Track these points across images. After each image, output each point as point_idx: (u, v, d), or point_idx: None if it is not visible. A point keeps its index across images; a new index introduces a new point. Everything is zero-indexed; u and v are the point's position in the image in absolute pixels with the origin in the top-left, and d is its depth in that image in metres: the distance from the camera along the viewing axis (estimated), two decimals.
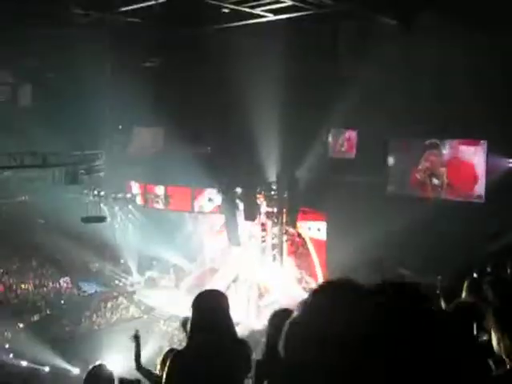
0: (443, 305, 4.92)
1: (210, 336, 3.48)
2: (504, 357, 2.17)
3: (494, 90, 15.17)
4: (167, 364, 3.65)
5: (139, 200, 26.02)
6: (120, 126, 25.19)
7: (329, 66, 18.41)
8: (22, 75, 23.34)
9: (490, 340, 2.46)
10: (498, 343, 2.20)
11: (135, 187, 25.86)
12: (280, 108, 18.51)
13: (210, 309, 3.59)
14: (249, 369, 3.67)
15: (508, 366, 2.17)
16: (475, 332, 3.28)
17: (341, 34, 18.30)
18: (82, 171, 23.36)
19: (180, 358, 3.62)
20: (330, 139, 21.10)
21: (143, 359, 6.66)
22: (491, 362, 2.46)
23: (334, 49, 18.56)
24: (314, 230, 21.75)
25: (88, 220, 22.21)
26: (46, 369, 20.81)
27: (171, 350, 4.01)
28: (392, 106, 16.33)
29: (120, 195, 25.55)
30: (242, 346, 3.73)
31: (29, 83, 24.35)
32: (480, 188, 17.12)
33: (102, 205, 25.84)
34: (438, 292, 6.02)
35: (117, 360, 12.00)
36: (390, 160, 19.26)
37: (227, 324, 3.65)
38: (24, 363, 21.10)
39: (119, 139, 25.27)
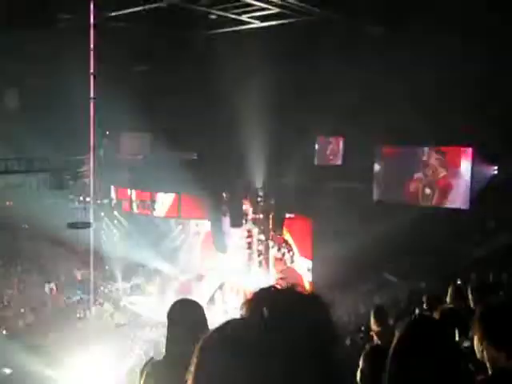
0: (427, 311, 4.95)
1: (186, 347, 3.45)
2: (487, 364, 2.18)
3: (478, 97, 15.29)
4: (143, 375, 3.62)
5: (125, 206, 25.90)
6: (107, 132, 25.08)
7: (315, 72, 18.49)
8: (9, 79, 23.18)
9: (472, 346, 2.47)
10: (481, 350, 2.21)
11: (121, 193, 25.74)
12: (267, 115, 18.53)
13: (186, 320, 3.56)
14: None
15: (490, 372, 2.18)
16: (457, 338, 3.30)
17: (327, 40, 18.38)
18: (68, 176, 23.23)
19: (156, 370, 3.60)
20: (316, 146, 21.18)
21: (128, 366, 6.64)
22: (472, 368, 2.47)
23: (320, 56, 18.62)
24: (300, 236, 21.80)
25: (73, 226, 22.04)
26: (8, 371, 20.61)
27: (150, 360, 3.97)
28: (378, 113, 16.43)
29: (106, 201, 25.41)
30: None
31: (15, 87, 24.19)
32: (466, 195, 17.24)
33: (87, 211, 25.69)
34: (422, 298, 6.05)
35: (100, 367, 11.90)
36: (377, 167, 19.35)
37: (203, 334, 3.62)
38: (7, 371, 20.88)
39: (106, 144, 25.16)
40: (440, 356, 1.63)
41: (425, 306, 5.43)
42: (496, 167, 17.16)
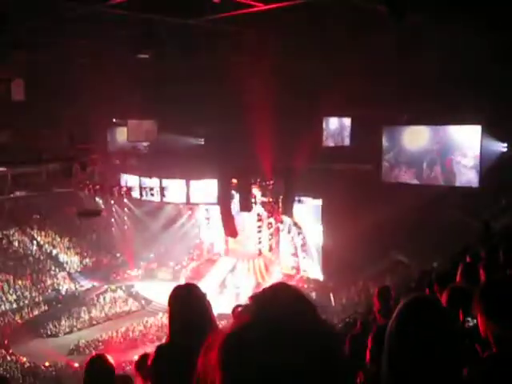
0: (437, 290, 4.92)
1: (189, 332, 3.46)
2: (491, 341, 2.16)
3: (487, 75, 15.12)
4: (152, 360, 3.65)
5: (134, 193, 25.98)
6: (114, 120, 25.07)
7: (322, 54, 18.33)
8: (15, 70, 23.15)
9: (476, 325, 2.45)
10: (484, 327, 2.19)
11: (130, 180, 25.79)
12: (274, 97, 18.43)
13: (187, 303, 3.56)
14: None
15: (494, 350, 2.16)
16: (464, 317, 3.28)
17: (333, 22, 18.17)
18: (77, 165, 23.31)
19: (159, 356, 3.62)
20: (324, 128, 21.07)
21: (140, 353, 6.68)
22: (478, 347, 2.46)
23: (326, 37, 18.44)
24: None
25: (83, 214, 22.17)
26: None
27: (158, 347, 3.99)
28: (385, 93, 16.29)
29: (115, 189, 25.49)
30: None
31: (22, 78, 24.16)
32: (476, 173, 17.13)
33: (97, 199, 25.84)
34: (433, 277, 6.03)
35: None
36: (385, 146, 19.23)
37: (206, 316, 3.62)
38: (24, 359, 21.17)
39: (113, 133, 25.17)
40: (436, 335, 1.62)
41: (434, 285, 5.40)
42: (505, 144, 17.03)
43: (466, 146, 17.39)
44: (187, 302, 3.55)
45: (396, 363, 1.66)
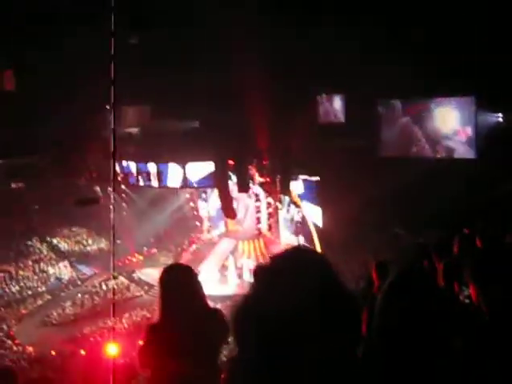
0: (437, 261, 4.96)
1: (180, 310, 3.50)
2: (484, 309, 2.20)
3: (479, 44, 15.04)
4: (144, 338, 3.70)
5: (131, 179, 25.94)
6: (107, 106, 24.93)
7: (315, 31, 18.20)
8: (5, 60, 22.98)
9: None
10: (475, 295, 2.23)
11: (127, 166, 25.75)
12: (268, 76, 18.35)
13: (178, 284, 3.59)
14: (225, 338, 3.68)
15: (487, 317, 2.20)
16: (459, 287, 3.32)
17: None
18: (74, 154, 23.28)
19: (152, 333, 3.66)
20: (318, 105, 21.01)
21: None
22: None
23: (318, 13, 18.32)
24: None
25: (81, 202, 22.11)
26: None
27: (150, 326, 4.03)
28: (378, 67, 16.20)
29: (112, 175, 25.43)
30: (214, 315, 3.73)
31: (12, 67, 23.98)
32: (471, 144, 17.13)
33: (94, 186, 25.82)
34: (431, 249, 6.06)
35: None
36: (382, 122, 19.20)
37: (197, 296, 3.65)
38: (30, 348, 21.31)
39: (107, 119, 25.05)
40: (424, 307, 1.65)
41: (433, 256, 5.44)
42: (500, 114, 16.97)
43: (460, 117, 17.39)
44: (177, 283, 3.57)
45: (384, 335, 1.69)
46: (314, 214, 21.63)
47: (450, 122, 17.76)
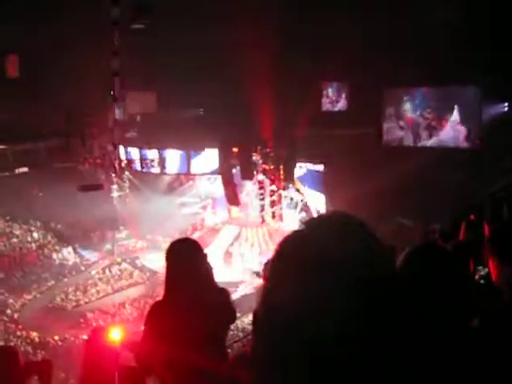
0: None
1: (186, 287, 3.44)
2: (502, 287, 2.17)
3: (484, 33, 14.92)
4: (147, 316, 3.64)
5: (135, 165, 25.94)
6: (112, 92, 24.87)
7: (317, 18, 18.08)
8: (8, 45, 22.86)
9: (489, 273, 2.46)
10: (496, 272, 2.20)
11: (130, 153, 25.74)
12: (272, 64, 18.26)
13: (185, 258, 3.52)
14: (231, 317, 3.64)
15: (508, 296, 2.17)
16: (473, 267, 3.29)
17: None
18: (77, 140, 23.24)
19: (156, 312, 3.60)
20: (323, 92, 20.91)
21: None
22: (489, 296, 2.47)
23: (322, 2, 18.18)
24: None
25: (84, 188, 22.09)
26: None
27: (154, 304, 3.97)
28: (384, 54, 16.11)
29: (116, 162, 25.44)
30: (220, 292, 3.68)
31: (16, 53, 23.87)
32: (476, 133, 17.04)
33: (98, 172, 25.83)
34: (436, 237, 6.03)
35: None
36: (387, 109, 19.10)
37: (204, 273, 3.58)
38: (34, 333, 21.41)
39: (112, 105, 25.02)
40: (442, 281, 1.62)
41: (438, 242, 5.41)
42: (506, 104, 16.86)
43: (464, 107, 17.28)
44: (183, 255, 3.49)
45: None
46: (318, 202, 21.59)
47: (455, 111, 17.66)
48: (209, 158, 23.40)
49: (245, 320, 16.21)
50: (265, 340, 0.93)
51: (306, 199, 22.43)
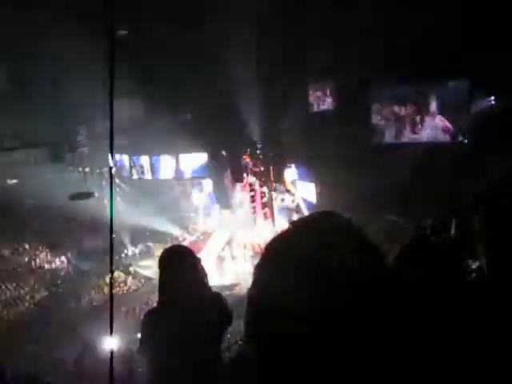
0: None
1: (178, 293, 3.45)
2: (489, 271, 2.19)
3: (472, 26, 14.97)
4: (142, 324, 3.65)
5: (125, 172, 25.89)
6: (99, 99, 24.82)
7: (305, 15, 18.10)
8: None
9: (480, 267, 2.49)
10: (485, 256, 2.22)
11: (120, 160, 25.68)
12: (258, 65, 18.30)
13: (176, 265, 3.53)
14: (226, 321, 3.65)
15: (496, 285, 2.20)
16: (465, 262, 3.32)
17: None
18: (66, 148, 23.15)
19: (149, 318, 3.62)
20: (309, 92, 20.94)
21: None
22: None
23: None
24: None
25: (76, 197, 22.04)
26: None
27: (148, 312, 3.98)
28: (369, 50, 16.12)
29: (106, 169, 25.40)
30: (215, 298, 3.69)
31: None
32: (463, 128, 17.10)
33: (88, 181, 25.76)
34: (427, 234, 6.08)
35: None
36: (375, 108, 19.14)
37: (197, 279, 3.59)
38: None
39: (99, 113, 24.95)
40: (434, 274, 1.64)
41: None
42: (492, 98, 16.92)
43: (452, 101, 17.34)
44: (176, 262, 3.49)
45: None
46: (310, 194, 21.33)
47: (445, 106, 17.70)
48: (198, 162, 23.39)
49: (241, 323, 16.19)
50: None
51: (297, 200, 22.44)
